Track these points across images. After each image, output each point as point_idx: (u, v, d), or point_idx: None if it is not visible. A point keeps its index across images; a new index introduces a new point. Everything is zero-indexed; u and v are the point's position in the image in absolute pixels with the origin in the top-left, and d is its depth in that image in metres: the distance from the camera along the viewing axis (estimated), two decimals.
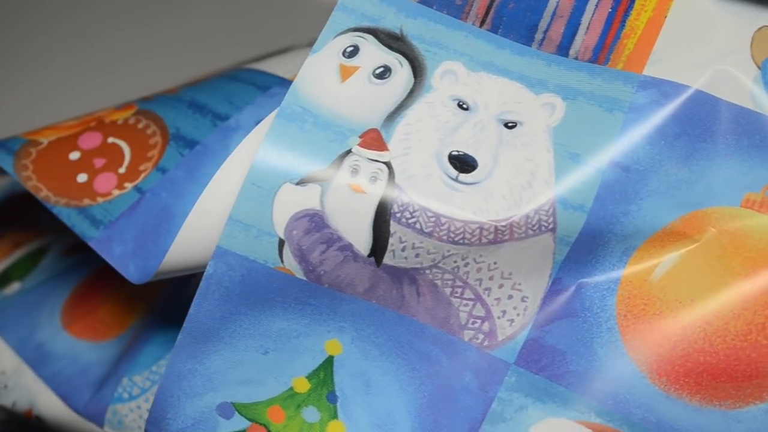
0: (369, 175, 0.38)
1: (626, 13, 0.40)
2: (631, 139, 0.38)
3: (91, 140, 0.47)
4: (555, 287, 0.38)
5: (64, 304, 0.53)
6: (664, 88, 0.38)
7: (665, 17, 0.39)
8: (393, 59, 0.39)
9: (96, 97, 0.58)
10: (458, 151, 0.38)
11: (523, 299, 0.39)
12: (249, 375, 0.40)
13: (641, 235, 0.38)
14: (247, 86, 0.48)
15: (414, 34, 0.40)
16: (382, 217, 0.38)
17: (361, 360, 0.39)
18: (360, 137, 0.38)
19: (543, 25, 0.40)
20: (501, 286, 0.39)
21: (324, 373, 0.40)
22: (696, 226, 0.38)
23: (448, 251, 0.38)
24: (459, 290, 0.39)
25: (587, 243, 0.38)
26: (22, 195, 0.61)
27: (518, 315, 0.39)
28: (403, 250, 0.38)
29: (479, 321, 0.39)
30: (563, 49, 0.40)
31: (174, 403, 0.40)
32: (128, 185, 0.45)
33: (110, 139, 0.47)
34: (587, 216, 0.38)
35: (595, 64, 0.39)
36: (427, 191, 0.38)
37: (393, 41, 0.40)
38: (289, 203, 0.38)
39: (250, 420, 0.40)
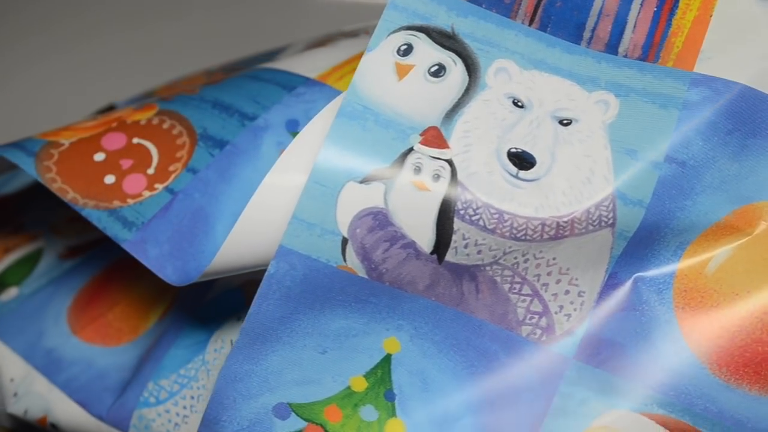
0: (432, 173, 0.38)
1: (672, 12, 0.41)
2: (685, 135, 0.39)
3: (115, 141, 0.46)
4: (611, 282, 0.39)
5: (68, 308, 0.52)
6: (715, 85, 0.39)
7: (711, 16, 0.40)
8: (447, 57, 0.40)
9: (95, 96, 0.58)
10: (516, 148, 0.39)
11: (579, 294, 0.39)
12: (306, 375, 0.39)
13: (696, 230, 0.39)
14: (271, 86, 0.48)
15: (465, 33, 0.40)
16: (445, 215, 0.38)
17: (419, 358, 0.39)
18: (421, 135, 0.38)
19: (590, 23, 0.41)
20: (558, 281, 0.39)
21: (382, 371, 0.40)
22: (748, 219, 0.39)
23: (510, 247, 0.38)
24: (517, 286, 0.39)
25: (644, 238, 0.39)
26: (4, 198, 0.59)
27: (575, 310, 0.39)
28: (465, 247, 0.38)
29: (537, 316, 0.39)
30: (612, 48, 0.40)
31: (229, 405, 0.39)
32: (159, 186, 0.44)
33: (135, 140, 0.46)
34: (645, 211, 0.38)
35: (645, 61, 0.40)
36: (489, 188, 0.38)
37: (445, 39, 0.40)
38: (353, 201, 0.38)
39: (306, 420, 0.39)
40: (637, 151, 0.39)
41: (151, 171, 0.45)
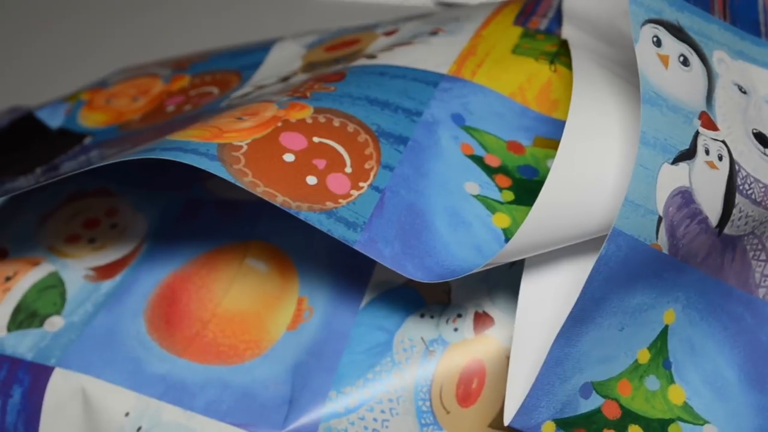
0: (716, 153, 0.42)
1: None
2: None
3: (295, 141, 0.44)
4: None
5: (148, 332, 0.48)
6: None
7: None
8: (684, 48, 0.43)
9: None
10: (756, 129, 0.43)
11: None
12: (607, 353, 0.41)
13: None
14: (412, 82, 0.48)
15: (687, 26, 0.44)
16: (730, 191, 0.42)
17: (686, 326, 0.43)
18: (699, 119, 0.42)
19: (761, 19, 0.46)
20: None
21: (660, 342, 0.42)
22: None
23: (766, 217, 0.43)
24: (758, 253, 0.44)
25: None
26: None
27: None
28: (739, 219, 0.42)
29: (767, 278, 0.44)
30: None
31: (549, 390, 0.40)
32: (363, 185, 0.43)
33: (316, 139, 0.44)
34: None
35: None
36: (754, 165, 0.42)
37: (677, 32, 0.43)
38: (668, 182, 0.40)
39: (603, 397, 0.41)
40: None
41: (348, 170, 0.44)
